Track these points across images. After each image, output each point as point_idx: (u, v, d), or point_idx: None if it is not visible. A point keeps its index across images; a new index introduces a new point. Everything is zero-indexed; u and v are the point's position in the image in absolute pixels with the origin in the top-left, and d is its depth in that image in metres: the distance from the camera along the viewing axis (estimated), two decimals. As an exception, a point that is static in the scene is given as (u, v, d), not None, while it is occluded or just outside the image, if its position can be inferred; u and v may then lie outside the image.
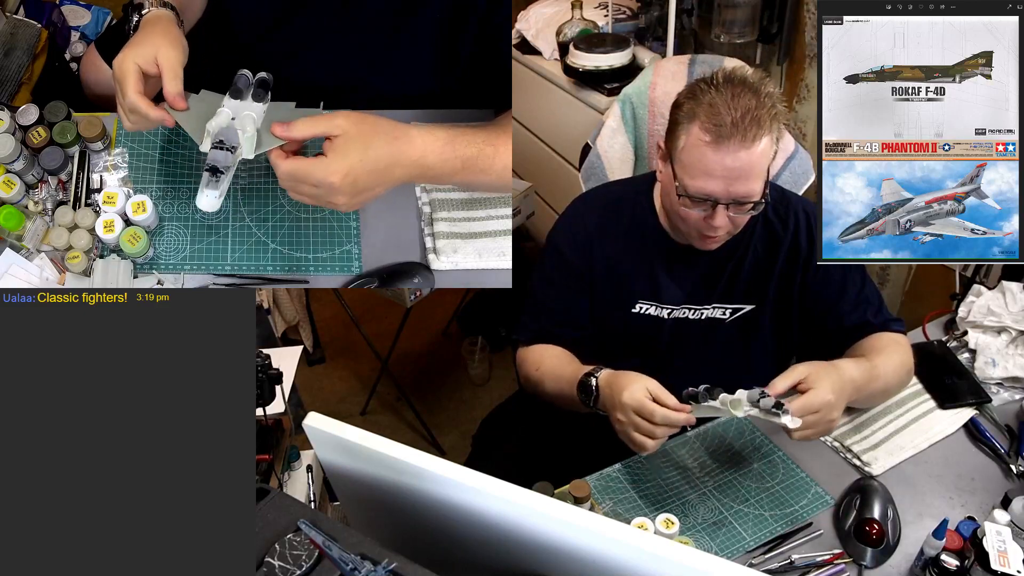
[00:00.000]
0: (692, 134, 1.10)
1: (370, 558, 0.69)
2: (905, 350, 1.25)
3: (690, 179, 1.11)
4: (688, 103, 1.11)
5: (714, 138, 1.07)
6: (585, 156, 1.72)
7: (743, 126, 1.05)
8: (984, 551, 0.95)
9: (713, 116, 1.07)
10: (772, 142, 1.09)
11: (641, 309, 1.30)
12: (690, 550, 0.63)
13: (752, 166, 1.08)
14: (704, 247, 1.22)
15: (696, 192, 1.11)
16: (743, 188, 1.09)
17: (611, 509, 1.16)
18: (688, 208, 1.14)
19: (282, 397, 1.40)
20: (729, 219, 1.13)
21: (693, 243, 1.23)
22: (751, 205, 1.12)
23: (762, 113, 1.06)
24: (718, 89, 1.08)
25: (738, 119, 1.05)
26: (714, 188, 1.09)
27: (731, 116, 1.05)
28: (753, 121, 1.05)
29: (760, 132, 1.06)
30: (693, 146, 1.10)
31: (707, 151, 1.08)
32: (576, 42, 2.18)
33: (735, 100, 1.06)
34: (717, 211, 1.12)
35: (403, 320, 2.41)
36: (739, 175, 1.08)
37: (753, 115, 1.05)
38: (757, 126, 1.06)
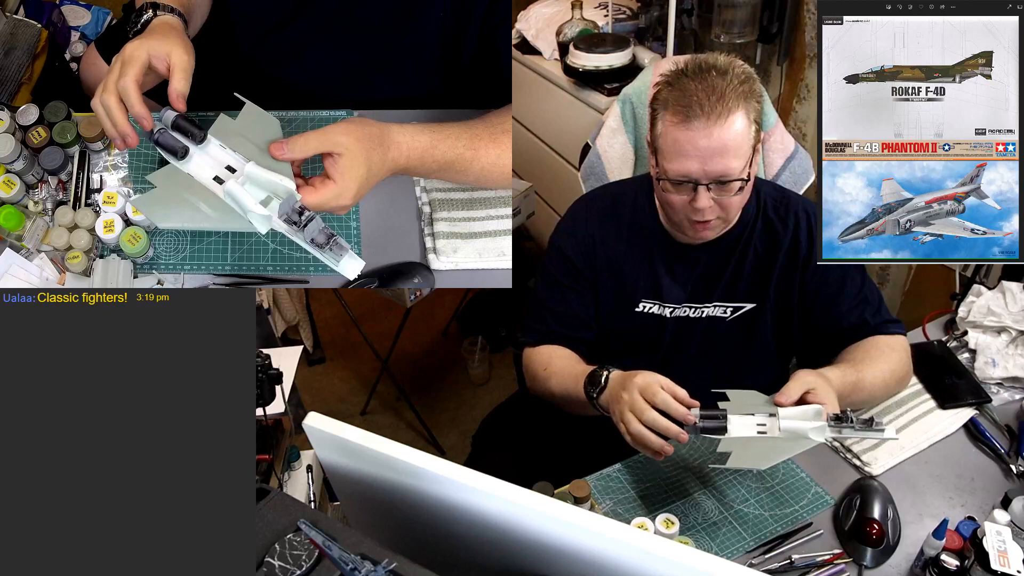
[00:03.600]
0: (665, 120, 1.13)
1: (370, 558, 0.69)
2: (898, 356, 1.24)
3: (668, 163, 1.14)
4: (663, 92, 1.15)
5: (683, 119, 1.10)
6: (585, 156, 1.72)
7: (708, 105, 1.08)
8: (984, 551, 0.95)
9: (681, 99, 1.10)
10: (748, 120, 1.11)
11: (644, 308, 1.30)
12: (690, 550, 0.63)
13: (725, 144, 1.10)
14: (698, 236, 1.22)
15: (675, 175, 1.13)
16: (719, 166, 1.11)
17: (611, 509, 1.16)
18: (671, 193, 1.16)
19: (282, 397, 1.40)
20: (715, 201, 1.14)
21: (687, 235, 1.23)
22: (735, 185, 1.13)
23: (728, 91, 1.09)
24: (688, 75, 1.12)
25: (703, 99, 1.08)
26: (691, 168, 1.11)
27: (696, 97, 1.09)
28: (719, 99, 1.08)
29: (728, 110, 1.09)
30: (667, 130, 1.13)
31: (678, 133, 1.11)
32: (576, 42, 2.18)
33: (702, 83, 1.10)
34: (699, 192, 1.13)
35: (403, 320, 2.41)
36: (712, 153, 1.10)
37: (719, 94, 1.08)
38: (723, 104, 1.08)
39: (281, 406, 1.42)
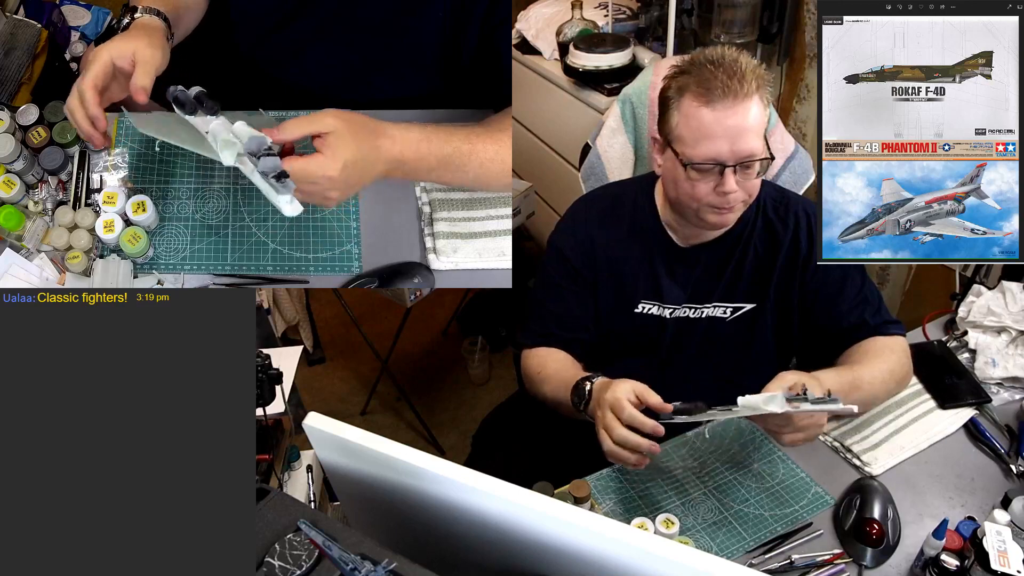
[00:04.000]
0: (685, 105, 1.13)
1: (370, 558, 0.69)
2: (897, 356, 1.24)
3: (693, 148, 1.13)
4: (674, 82, 1.14)
5: (707, 100, 1.10)
6: (585, 156, 1.72)
7: (732, 84, 1.09)
8: (984, 551, 0.95)
9: (702, 82, 1.10)
10: (763, 104, 1.12)
11: (644, 309, 1.30)
12: (690, 550, 0.63)
13: (749, 123, 1.10)
14: (722, 223, 1.21)
15: (703, 159, 1.12)
16: (746, 145, 1.11)
17: (611, 509, 1.16)
18: (697, 180, 1.14)
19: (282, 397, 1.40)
20: (739, 185, 1.14)
21: (709, 222, 1.20)
22: (756, 166, 1.13)
23: (746, 72, 1.10)
24: (699, 65, 1.12)
25: (725, 80, 1.09)
26: (720, 149, 1.11)
27: (719, 78, 1.09)
28: (739, 79, 1.09)
29: (747, 89, 1.09)
30: (689, 115, 1.12)
31: (704, 114, 1.11)
32: (576, 42, 2.18)
33: (717, 69, 1.10)
34: (726, 176, 1.12)
35: (403, 320, 2.41)
36: (739, 132, 1.10)
37: (739, 76, 1.09)
38: (743, 83, 1.09)
39: (281, 406, 1.42)
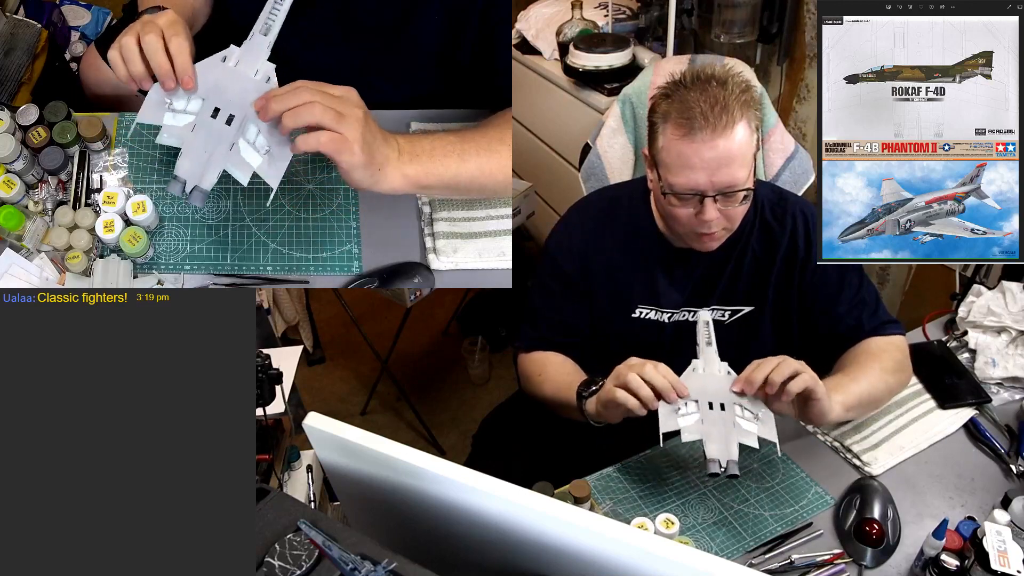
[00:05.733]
0: (667, 133, 1.12)
1: (370, 558, 0.69)
2: (892, 356, 1.24)
3: (673, 176, 1.13)
4: (662, 104, 1.14)
5: (687, 131, 1.09)
6: (585, 156, 1.72)
7: (712, 116, 1.07)
8: (984, 551, 0.95)
9: (683, 111, 1.09)
10: (749, 129, 1.11)
11: (641, 314, 1.30)
12: (690, 550, 0.63)
13: (731, 154, 1.09)
14: (704, 248, 1.22)
15: (681, 188, 1.12)
16: (726, 177, 1.10)
17: (611, 509, 1.16)
18: (677, 207, 1.15)
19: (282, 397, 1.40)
20: (720, 212, 1.14)
21: (693, 246, 1.23)
22: (740, 195, 1.12)
23: (731, 101, 1.08)
24: (687, 87, 1.11)
25: (707, 110, 1.08)
26: (698, 180, 1.11)
27: (699, 108, 1.08)
28: (723, 110, 1.08)
29: (731, 120, 1.08)
30: (670, 144, 1.12)
31: (683, 145, 1.10)
32: (576, 42, 2.18)
33: (703, 94, 1.09)
34: (706, 205, 1.12)
35: (403, 320, 2.41)
36: (719, 164, 1.09)
37: (722, 104, 1.08)
38: (727, 114, 1.08)
39: (281, 406, 1.42)
